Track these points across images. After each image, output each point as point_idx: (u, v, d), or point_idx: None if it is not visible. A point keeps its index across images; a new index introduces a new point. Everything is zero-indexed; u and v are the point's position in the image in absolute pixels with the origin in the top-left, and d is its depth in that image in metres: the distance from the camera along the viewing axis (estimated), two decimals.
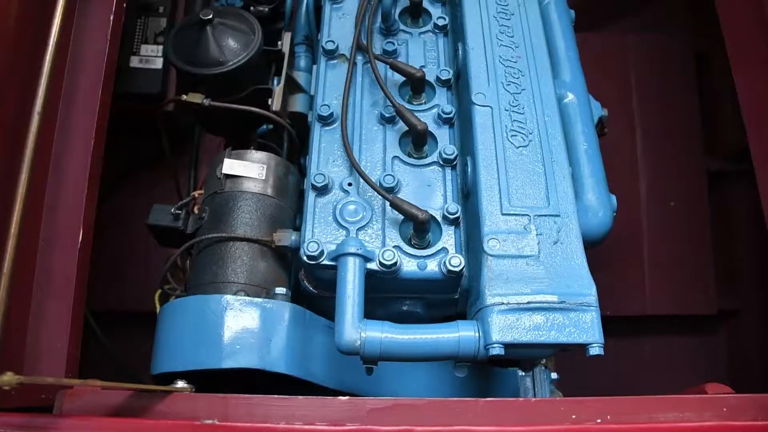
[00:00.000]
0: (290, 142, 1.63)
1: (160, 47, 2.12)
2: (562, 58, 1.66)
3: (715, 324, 2.42)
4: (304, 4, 1.88)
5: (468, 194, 1.35)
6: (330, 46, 1.52)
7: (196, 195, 1.51)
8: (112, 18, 1.36)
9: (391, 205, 1.28)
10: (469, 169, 1.34)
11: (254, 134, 1.67)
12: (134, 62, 2.11)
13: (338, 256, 1.23)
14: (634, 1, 2.70)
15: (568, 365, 1.60)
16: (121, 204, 2.33)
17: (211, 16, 1.48)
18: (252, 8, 1.88)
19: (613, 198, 1.50)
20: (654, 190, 2.43)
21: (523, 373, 1.37)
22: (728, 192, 2.44)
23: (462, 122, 1.45)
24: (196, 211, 1.53)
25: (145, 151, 2.29)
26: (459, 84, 1.51)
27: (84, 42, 1.36)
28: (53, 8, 1.22)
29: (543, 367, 1.36)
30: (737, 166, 2.38)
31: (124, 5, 1.43)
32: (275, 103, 1.56)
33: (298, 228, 1.43)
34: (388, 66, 1.47)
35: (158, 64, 2.10)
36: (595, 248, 1.41)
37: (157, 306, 1.47)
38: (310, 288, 1.34)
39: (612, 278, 2.28)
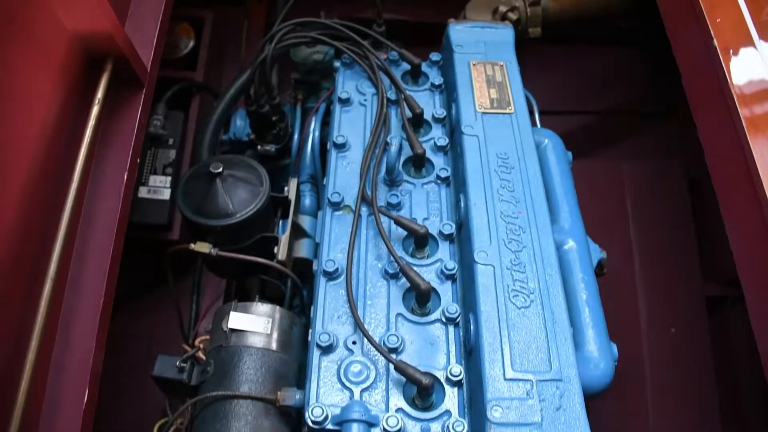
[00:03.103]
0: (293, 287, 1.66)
1: (169, 178, 2.18)
2: (561, 203, 1.70)
3: None
4: (309, 144, 1.95)
5: (471, 351, 1.37)
6: (335, 198, 1.57)
7: (201, 346, 1.52)
8: (122, 190, 1.41)
9: (395, 369, 1.29)
10: (471, 327, 1.36)
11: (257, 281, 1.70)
12: (143, 192, 2.16)
13: (342, 422, 1.24)
14: (628, 129, 2.80)
15: None
16: (120, 326, 2.33)
17: (221, 170, 1.53)
18: (259, 147, 1.95)
19: (614, 347, 1.52)
20: (654, 317, 2.45)
21: None
22: (727, 317, 2.46)
23: (464, 276, 1.47)
24: (201, 355, 1.54)
25: (147, 274, 2.31)
26: (461, 235, 1.54)
27: (97, 202, 1.40)
28: (72, 170, 1.29)
29: None
30: (735, 291, 2.40)
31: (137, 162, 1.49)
32: (281, 252, 1.59)
33: (301, 382, 1.44)
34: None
35: (166, 195, 2.16)
36: None
37: None
38: None
39: (614, 406, 2.26)
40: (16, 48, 1.21)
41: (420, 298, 1.41)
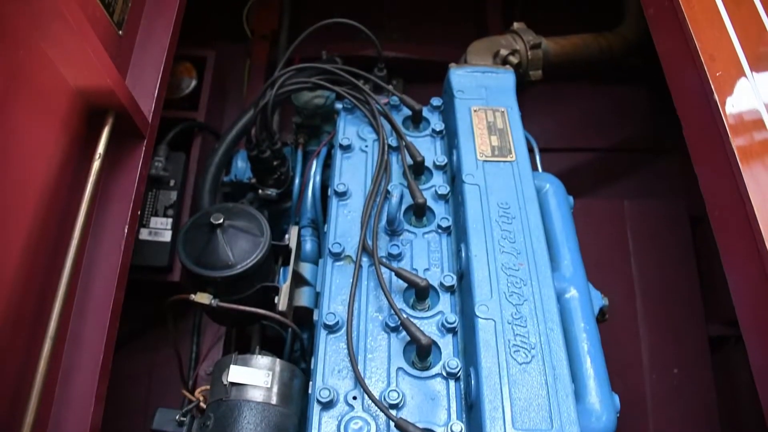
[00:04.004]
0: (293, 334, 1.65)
1: (170, 220, 2.18)
2: (562, 249, 1.70)
3: None
4: (310, 189, 1.95)
5: (471, 406, 1.36)
6: (336, 249, 1.57)
7: (201, 398, 1.51)
8: (123, 244, 1.40)
9: (396, 427, 1.28)
10: (472, 382, 1.35)
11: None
12: (144, 234, 2.16)
13: None
14: (630, 167, 2.80)
15: None
16: (120, 366, 2.33)
17: (221, 221, 1.53)
18: (260, 191, 1.95)
19: (616, 398, 1.50)
20: (656, 357, 2.43)
21: None
22: (731, 357, 2.44)
23: (465, 327, 1.47)
24: (203, 404, 1.53)
25: (147, 314, 2.31)
26: (462, 285, 1.54)
27: (98, 257, 1.40)
28: (72, 225, 1.29)
29: None
30: (738, 331, 2.38)
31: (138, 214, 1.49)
32: (281, 302, 1.59)
33: None
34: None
35: (167, 237, 2.16)
36: None
37: None
38: None
39: None
40: (20, 103, 1.22)
41: (421, 353, 1.40)
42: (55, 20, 1.19)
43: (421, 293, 1.47)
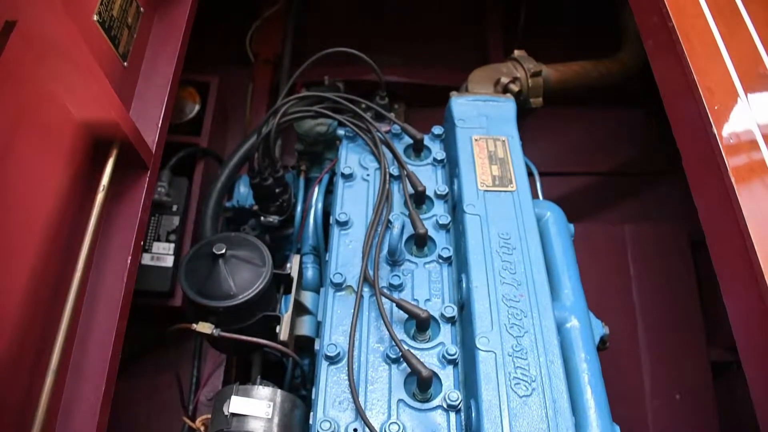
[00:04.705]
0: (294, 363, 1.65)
1: (172, 245, 2.19)
2: (563, 278, 1.70)
3: None
4: (312, 216, 1.96)
5: None
6: (338, 279, 1.57)
7: (202, 428, 1.52)
8: (126, 275, 1.41)
9: None
10: (473, 414, 1.35)
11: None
12: (146, 259, 2.17)
13: None
14: (630, 190, 2.81)
15: None
16: (120, 391, 2.33)
17: (224, 251, 1.54)
18: (263, 218, 1.96)
19: (617, 429, 1.50)
20: (658, 383, 2.43)
21: None
22: (733, 382, 2.44)
23: (465, 358, 1.47)
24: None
25: (148, 338, 2.31)
26: (462, 315, 1.54)
27: (100, 288, 1.41)
28: (76, 257, 1.30)
29: None
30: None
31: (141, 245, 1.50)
32: (283, 332, 1.59)
33: None
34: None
35: (169, 262, 2.17)
36: None
37: None
38: None
39: None
40: (25, 138, 1.23)
41: (422, 385, 1.40)
42: (62, 57, 1.21)
43: (421, 325, 1.48)
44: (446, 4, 3.30)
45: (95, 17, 1.45)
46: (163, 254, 2.17)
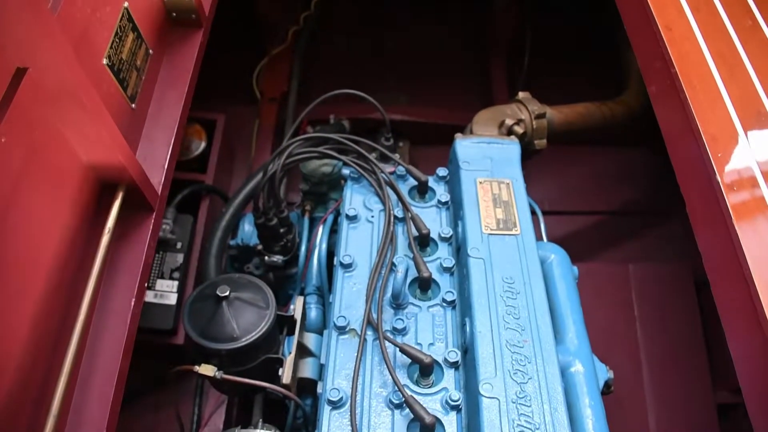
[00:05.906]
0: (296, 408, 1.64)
1: (176, 283, 2.19)
2: (567, 322, 1.70)
3: None
4: (316, 257, 1.96)
5: None
6: (341, 323, 1.57)
7: None
8: (129, 317, 1.41)
9: None
10: None
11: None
12: (149, 297, 2.17)
13: None
14: (634, 230, 2.81)
15: None
16: (120, 429, 2.31)
17: (227, 293, 1.54)
18: (267, 257, 1.96)
19: None
20: (663, 425, 2.40)
21: None
22: (740, 425, 2.41)
23: (469, 403, 1.46)
24: None
25: (149, 375, 2.30)
26: (466, 359, 1.54)
27: (104, 330, 1.41)
28: (80, 299, 1.30)
29: None
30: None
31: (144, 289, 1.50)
32: (285, 375, 1.59)
33: None
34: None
35: (172, 299, 2.17)
36: None
37: None
38: None
39: None
40: (33, 181, 1.24)
41: (425, 431, 1.39)
42: (71, 102, 1.22)
43: (425, 370, 1.47)
44: (451, 44, 3.35)
45: (105, 60, 1.47)
46: (166, 292, 2.17)
